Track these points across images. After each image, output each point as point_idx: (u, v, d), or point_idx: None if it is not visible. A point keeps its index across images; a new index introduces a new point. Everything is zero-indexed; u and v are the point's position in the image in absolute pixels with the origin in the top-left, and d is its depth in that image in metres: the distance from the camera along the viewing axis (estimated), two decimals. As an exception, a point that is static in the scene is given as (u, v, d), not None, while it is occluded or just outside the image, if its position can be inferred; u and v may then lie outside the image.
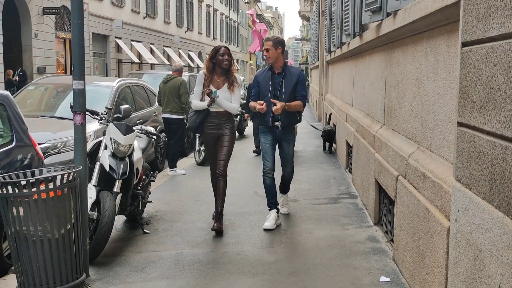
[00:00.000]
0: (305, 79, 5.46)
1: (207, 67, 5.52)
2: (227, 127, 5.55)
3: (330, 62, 13.70)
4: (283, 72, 5.50)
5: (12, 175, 3.77)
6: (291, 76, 5.50)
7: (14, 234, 3.61)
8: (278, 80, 5.49)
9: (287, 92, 5.44)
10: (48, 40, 21.56)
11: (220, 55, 5.43)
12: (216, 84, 5.49)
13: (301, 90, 5.52)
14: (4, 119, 4.74)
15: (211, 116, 5.52)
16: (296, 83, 5.49)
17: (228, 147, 5.50)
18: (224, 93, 5.45)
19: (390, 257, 4.40)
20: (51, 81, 9.18)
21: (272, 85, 5.47)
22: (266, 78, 5.55)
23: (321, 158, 9.78)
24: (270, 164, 5.48)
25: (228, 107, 5.48)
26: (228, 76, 5.53)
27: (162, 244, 4.95)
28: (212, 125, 5.53)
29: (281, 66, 5.53)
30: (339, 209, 6.11)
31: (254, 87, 5.65)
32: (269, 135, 5.54)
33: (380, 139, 5.11)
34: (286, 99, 5.40)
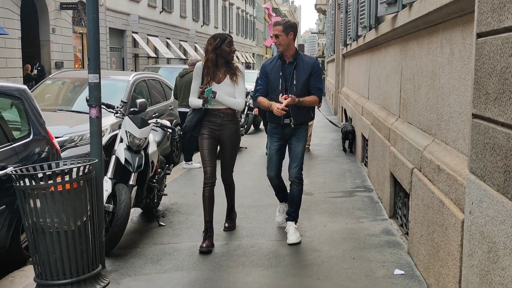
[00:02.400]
0: (320, 69, 4.81)
1: (211, 59, 4.66)
2: (230, 128, 4.77)
3: (346, 55, 13.64)
4: (295, 61, 4.75)
5: (29, 167, 3.83)
6: (303, 66, 4.73)
7: (31, 226, 3.66)
8: (289, 70, 4.72)
9: (299, 84, 4.70)
10: (66, 35, 21.75)
11: (227, 45, 4.64)
12: (217, 77, 4.71)
13: (316, 82, 4.75)
14: (22, 113, 4.80)
15: (211, 115, 4.72)
16: (310, 74, 4.72)
17: (231, 153, 4.85)
18: (227, 87, 4.68)
19: (405, 250, 4.39)
20: (68, 75, 9.27)
21: (283, 76, 4.72)
22: (276, 68, 4.78)
23: (337, 152, 9.75)
24: (273, 172, 4.92)
25: (231, 103, 4.69)
26: (230, 66, 4.74)
27: (177, 236, 4.99)
28: (212, 125, 4.72)
29: (292, 54, 4.76)
30: (354, 202, 6.09)
31: (261, 78, 4.87)
32: (276, 138, 4.86)
33: (396, 132, 5.08)
34: (298, 93, 4.66)
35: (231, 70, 4.73)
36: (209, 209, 4.66)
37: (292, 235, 4.77)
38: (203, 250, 4.48)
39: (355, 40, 9.90)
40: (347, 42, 11.85)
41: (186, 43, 36.65)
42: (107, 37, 25.42)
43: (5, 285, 3.98)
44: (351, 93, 11.29)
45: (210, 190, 4.65)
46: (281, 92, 4.68)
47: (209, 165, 4.65)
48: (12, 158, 4.36)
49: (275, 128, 4.86)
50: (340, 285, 3.75)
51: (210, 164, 4.66)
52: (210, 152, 4.69)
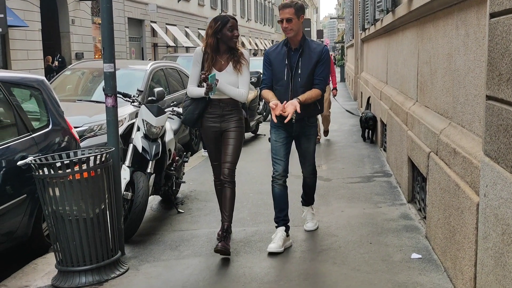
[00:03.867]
0: (329, 57, 4.28)
1: (210, 44, 4.21)
2: (233, 119, 4.29)
3: (364, 40, 13.52)
4: (301, 47, 4.22)
5: (48, 157, 3.89)
6: (310, 53, 4.20)
7: (51, 214, 3.74)
8: (295, 58, 4.20)
9: (304, 74, 4.17)
10: (85, 26, 21.94)
11: (229, 29, 4.15)
12: (218, 65, 4.24)
13: (321, 72, 4.21)
14: (41, 104, 4.88)
15: (212, 105, 4.28)
16: (316, 62, 4.19)
17: (234, 146, 4.27)
18: (229, 76, 4.22)
19: (422, 235, 4.37)
20: (87, 66, 9.36)
21: (289, 65, 4.19)
22: (281, 56, 4.25)
23: (356, 137, 9.69)
24: (281, 168, 4.28)
25: (233, 93, 4.22)
26: (233, 53, 4.25)
27: (195, 223, 5.04)
28: (213, 117, 4.30)
29: (299, 40, 4.22)
30: (372, 187, 6.07)
31: (265, 67, 4.32)
32: (282, 131, 4.30)
33: (413, 116, 5.04)
34: (303, 83, 4.17)
35: (235, 57, 4.25)
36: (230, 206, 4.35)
37: (309, 221, 4.67)
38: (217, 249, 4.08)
39: (373, 24, 9.80)
40: (365, 26, 11.74)
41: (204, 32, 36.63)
42: (126, 27, 25.56)
43: (28, 271, 4.08)
44: (370, 78, 11.21)
45: (221, 184, 4.34)
46: (288, 82, 4.20)
47: (217, 161, 4.42)
48: (32, 148, 4.44)
49: (281, 123, 4.21)
50: (357, 269, 3.76)
51: (216, 160, 4.41)
52: (216, 148, 4.37)
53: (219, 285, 3.64)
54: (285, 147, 4.31)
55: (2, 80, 4.45)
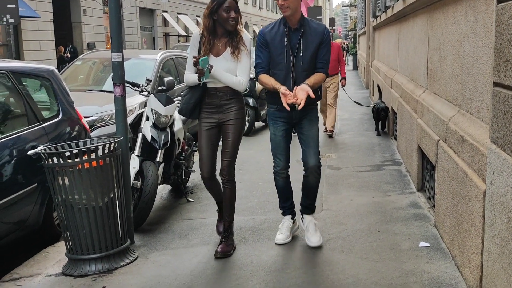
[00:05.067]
0: (330, 37, 3.96)
1: (206, 25, 3.87)
2: (232, 109, 3.94)
3: (376, 28, 13.41)
4: (301, 27, 3.84)
5: (58, 146, 3.93)
6: (312, 33, 3.85)
7: (61, 203, 3.78)
8: (296, 39, 3.83)
9: (307, 57, 3.84)
10: (97, 16, 22.00)
11: (225, 10, 3.77)
12: (216, 49, 3.89)
13: (324, 54, 3.89)
14: (51, 93, 4.91)
15: (209, 95, 3.93)
16: (319, 43, 3.85)
17: (233, 140, 3.94)
18: (226, 62, 3.86)
19: (431, 223, 4.35)
20: (98, 55, 9.39)
21: (289, 47, 3.83)
22: (279, 36, 3.84)
23: (367, 126, 9.65)
24: (283, 162, 4.06)
25: (230, 81, 3.86)
26: (232, 37, 3.88)
27: (204, 212, 5.06)
28: (210, 108, 3.94)
29: (298, 19, 3.84)
30: (382, 176, 6.05)
31: (260, 49, 3.93)
32: (280, 123, 3.99)
33: (423, 104, 5.01)
34: (306, 67, 3.84)
35: (233, 42, 3.87)
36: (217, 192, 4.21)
37: (313, 235, 4.03)
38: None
39: (384, 12, 9.72)
40: (377, 13, 11.65)
41: (216, 21, 36.55)
42: (138, 17, 25.59)
43: (39, 259, 4.14)
44: (381, 66, 11.13)
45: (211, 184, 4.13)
46: (288, 65, 3.84)
47: (206, 160, 4.02)
48: (43, 138, 4.48)
49: (279, 111, 3.93)
50: (364, 258, 3.76)
51: (208, 159, 4.02)
52: (208, 145, 3.99)
53: (226, 273, 3.66)
54: (285, 140, 4.04)
55: (13, 71, 4.48)
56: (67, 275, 3.78)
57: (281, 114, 3.95)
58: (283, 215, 4.27)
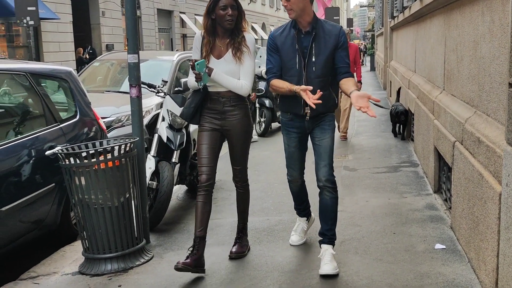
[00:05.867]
0: (347, 39, 3.71)
1: (204, 26, 3.67)
2: (236, 117, 3.70)
3: (393, 28, 13.32)
4: (314, 30, 3.53)
5: (75, 146, 3.98)
6: (325, 36, 3.53)
7: (77, 203, 3.83)
8: (307, 42, 3.53)
9: (321, 62, 3.51)
10: (115, 17, 22.20)
11: (221, 8, 3.54)
12: (217, 51, 3.67)
13: (344, 57, 3.56)
14: (68, 95, 4.97)
15: (211, 100, 3.71)
16: (334, 47, 3.53)
17: (242, 149, 3.80)
18: (228, 65, 3.63)
19: (447, 225, 4.32)
20: (115, 57, 9.48)
21: (300, 51, 3.53)
22: (289, 40, 3.56)
23: (384, 127, 9.59)
24: (296, 173, 3.86)
25: (231, 85, 3.63)
26: (234, 38, 3.65)
27: (220, 212, 5.08)
28: (212, 113, 3.72)
29: (310, 21, 3.53)
30: (398, 177, 6.01)
31: (270, 53, 3.64)
32: (293, 134, 3.73)
33: (439, 105, 4.97)
34: (319, 73, 3.52)
35: (235, 43, 3.64)
36: (202, 220, 3.66)
37: (327, 263, 3.56)
38: (177, 267, 3.51)
39: (401, 12, 9.66)
40: (394, 14, 11.58)
41: (233, 22, 36.63)
42: (156, 18, 25.77)
43: (56, 258, 4.19)
44: (399, 66, 11.06)
45: (204, 196, 3.67)
46: (299, 71, 3.54)
47: (205, 164, 3.69)
48: (60, 139, 4.54)
49: (292, 120, 3.69)
50: (379, 259, 3.74)
51: (207, 163, 3.70)
52: (208, 148, 3.72)
53: (241, 274, 3.67)
54: (299, 150, 3.80)
55: (31, 72, 4.55)
56: (83, 274, 3.83)
57: (294, 124, 3.70)
58: (298, 215, 4.21)
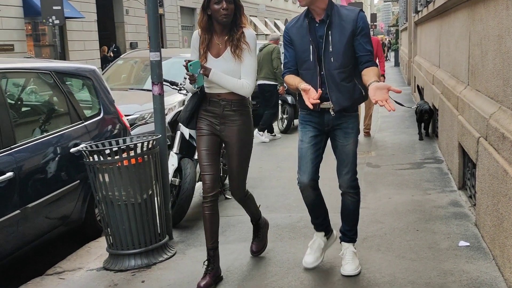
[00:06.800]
0: (367, 24, 3.28)
1: (200, 22, 3.44)
2: (235, 124, 3.42)
3: (417, 23, 13.17)
4: (328, 18, 3.20)
5: (99, 144, 4.04)
6: (341, 23, 3.19)
7: (101, 199, 3.88)
8: (321, 32, 3.22)
9: (338, 52, 3.19)
10: (139, 16, 22.39)
11: (216, 2, 3.29)
12: (215, 49, 3.41)
13: (365, 43, 3.21)
14: (92, 93, 5.04)
15: (210, 102, 3.43)
16: (352, 33, 3.18)
17: (241, 158, 3.48)
18: (227, 63, 3.36)
19: (472, 222, 4.26)
20: (139, 55, 9.55)
21: (313, 42, 3.23)
22: (302, 30, 3.27)
23: (408, 123, 9.50)
24: (306, 177, 3.40)
25: (231, 85, 3.35)
26: (232, 34, 3.37)
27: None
28: (211, 117, 3.44)
29: (324, 8, 3.20)
30: (422, 174, 5.95)
31: (287, 47, 3.39)
32: (310, 128, 3.38)
33: (463, 100, 4.90)
34: (339, 64, 3.20)
35: (233, 40, 3.36)
36: (212, 232, 3.51)
37: (349, 262, 3.48)
38: None
39: (425, 6, 9.55)
40: (418, 8, 11.46)
41: (256, 18, 36.64)
42: (179, 16, 25.91)
43: (81, 254, 4.26)
44: (423, 62, 10.93)
45: (211, 207, 3.47)
46: (313, 65, 3.25)
47: (208, 172, 3.41)
48: (85, 136, 4.61)
49: (309, 115, 3.37)
50: (401, 256, 3.71)
51: (210, 170, 3.41)
52: (209, 154, 3.44)
53: (262, 270, 3.68)
54: (313, 149, 3.38)
55: (56, 71, 4.62)
56: (108, 269, 3.89)
57: (312, 118, 3.37)
58: (315, 230, 3.68)
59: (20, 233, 3.81)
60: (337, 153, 3.43)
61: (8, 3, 15.81)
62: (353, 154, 3.41)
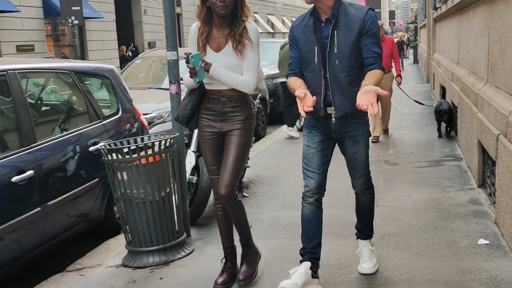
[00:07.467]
0: (376, 24, 3.06)
1: (198, 14, 3.29)
2: (237, 118, 3.28)
3: (436, 20, 13.04)
4: (334, 17, 3.01)
5: (117, 142, 4.08)
6: (348, 22, 3.00)
7: (120, 197, 3.92)
8: (327, 31, 3.03)
9: (344, 53, 3.00)
10: (157, 15, 22.52)
11: None
12: (215, 43, 3.27)
13: (372, 45, 3.00)
14: (111, 92, 5.09)
15: (210, 100, 3.31)
16: (359, 33, 2.99)
17: (237, 153, 3.26)
18: (228, 59, 3.23)
19: (492, 220, 4.22)
20: (157, 54, 9.62)
21: (318, 43, 3.04)
22: (307, 30, 3.09)
23: (427, 121, 9.41)
24: (313, 183, 3.17)
25: (233, 81, 3.21)
26: (234, 29, 3.22)
27: (259, 206, 5.11)
28: (211, 115, 3.32)
29: (330, 6, 3.01)
30: (441, 171, 5.90)
31: (291, 48, 3.22)
32: (316, 132, 3.19)
33: (483, 98, 4.85)
34: (345, 67, 3.01)
35: (235, 35, 3.21)
36: (226, 232, 3.50)
37: (366, 260, 3.44)
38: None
39: (444, 3, 9.46)
40: (437, 5, 11.34)
41: (273, 17, 36.61)
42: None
43: (101, 251, 4.31)
44: (442, 59, 10.82)
45: (223, 207, 3.42)
46: (318, 67, 3.05)
47: (215, 175, 3.36)
48: (103, 135, 4.66)
49: (315, 120, 3.17)
50: (420, 254, 3.69)
51: (218, 174, 3.35)
52: (214, 158, 3.37)
53: (279, 268, 3.69)
54: (320, 154, 3.17)
55: (75, 70, 4.68)
56: (126, 266, 3.93)
57: (318, 124, 3.18)
58: (301, 261, 3.22)
59: (40, 230, 3.87)
60: (348, 159, 3.30)
61: (28, 4, 16.04)
62: (365, 159, 3.28)
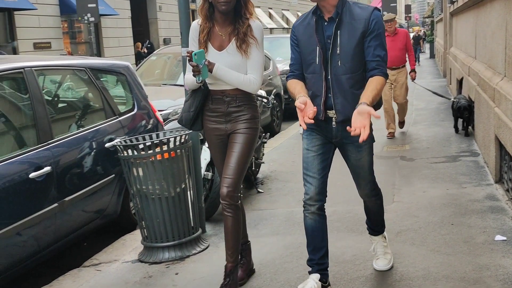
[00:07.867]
0: (382, 25, 2.89)
1: (200, 11, 3.16)
2: (242, 118, 3.18)
3: (453, 13, 12.90)
4: (338, 16, 2.86)
5: (133, 138, 4.10)
6: (352, 22, 2.85)
7: (136, 193, 3.95)
8: (330, 31, 2.88)
9: (347, 54, 2.85)
10: (172, 12, 22.56)
11: None
12: (218, 41, 3.16)
13: (376, 48, 2.84)
14: (126, 88, 5.12)
15: (214, 100, 3.20)
16: (362, 34, 2.84)
17: (241, 152, 3.13)
18: (232, 57, 3.11)
19: (509, 216, 4.18)
20: (172, 50, 9.64)
21: (320, 43, 2.89)
22: (309, 29, 2.94)
23: (443, 116, 9.33)
24: (313, 189, 3.02)
25: (237, 81, 3.10)
26: (238, 28, 3.10)
27: (274, 202, 5.12)
28: (216, 116, 3.22)
29: (334, 4, 2.86)
30: (458, 167, 5.85)
31: (292, 48, 3.06)
32: (316, 135, 3.03)
33: (500, 92, 4.80)
34: (347, 69, 2.86)
35: (239, 34, 3.09)
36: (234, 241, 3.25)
37: (380, 257, 3.40)
38: None
39: (461, -3, 9.35)
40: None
41: (288, 12, 36.50)
42: (211, 11, 26.04)
43: (117, 247, 4.35)
44: (458, 53, 10.71)
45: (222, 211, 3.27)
46: (320, 68, 2.90)
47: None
48: (119, 131, 4.69)
49: (314, 123, 2.81)
50: (436, 250, 3.67)
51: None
52: (223, 160, 3.25)
53: (295, 264, 3.69)
54: (321, 158, 3.01)
55: (91, 67, 4.71)
56: (142, 261, 3.96)
57: (318, 127, 3.02)
58: (310, 272, 3.12)
59: (57, 226, 3.91)
60: (351, 167, 3.13)
61: (45, 2, 16.18)
62: (369, 165, 3.11)
